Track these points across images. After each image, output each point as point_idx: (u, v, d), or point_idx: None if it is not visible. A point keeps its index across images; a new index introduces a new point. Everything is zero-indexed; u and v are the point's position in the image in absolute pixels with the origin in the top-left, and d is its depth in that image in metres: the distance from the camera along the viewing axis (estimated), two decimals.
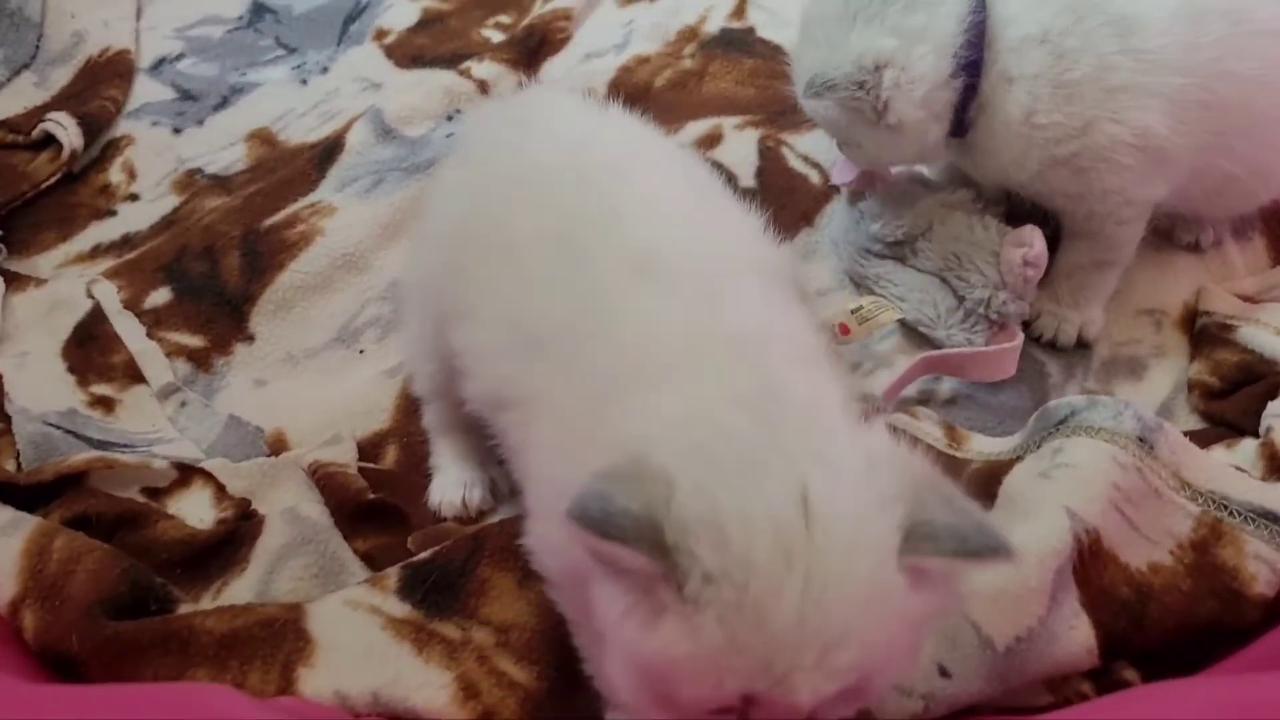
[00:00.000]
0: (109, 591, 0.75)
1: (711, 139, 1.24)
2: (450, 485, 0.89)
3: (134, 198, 1.22)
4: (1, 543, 0.79)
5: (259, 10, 1.48)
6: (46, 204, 1.20)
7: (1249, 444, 0.84)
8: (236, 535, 0.87)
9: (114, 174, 1.24)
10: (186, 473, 0.91)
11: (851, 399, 0.63)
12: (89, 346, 1.04)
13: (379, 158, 1.21)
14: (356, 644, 0.76)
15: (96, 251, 1.16)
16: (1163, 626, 0.74)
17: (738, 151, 1.22)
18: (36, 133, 1.23)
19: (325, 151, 1.22)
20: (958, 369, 0.96)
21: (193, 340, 1.05)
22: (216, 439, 0.97)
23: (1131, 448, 0.77)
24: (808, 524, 0.50)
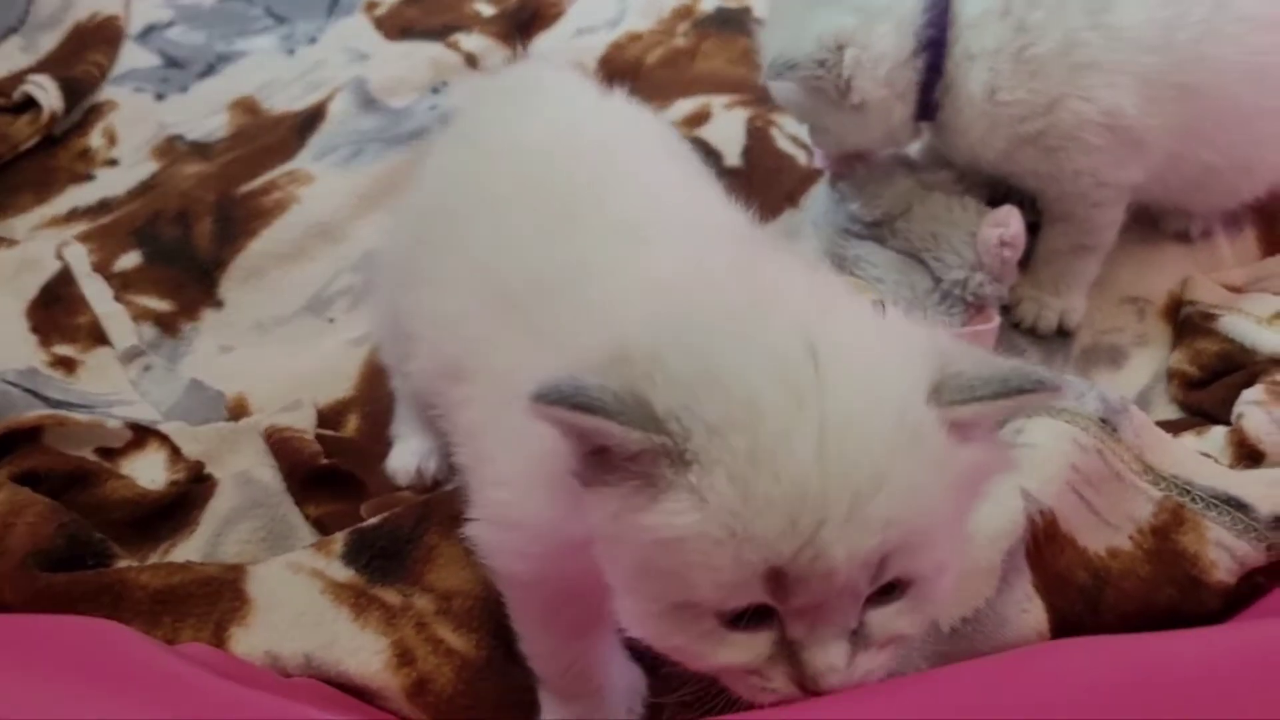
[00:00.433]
0: (44, 544, 0.74)
1: (699, 117, 1.22)
2: (408, 454, 0.88)
3: (113, 163, 1.21)
4: None
5: None
6: (25, 167, 1.20)
7: (1219, 431, 0.82)
8: (188, 498, 0.86)
9: (94, 139, 1.24)
10: (141, 434, 0.90)
11: None
12: (54, 308, 1.03)
13: (360, 128, 1.20)
14: (293, 606, 0.74)
15: (73, 215, 1.16)
16: (1118, 612, 0.71)
17: (725, 130, 1.20)
18: (17, 95, 1.23)
19: (306, 120, 1.21)
20: None
21: (161, 304, 1.05)
22: (177, 402, 0.96)
23: (1093, 429, 0.75)
24: (816, 366, 0.45)
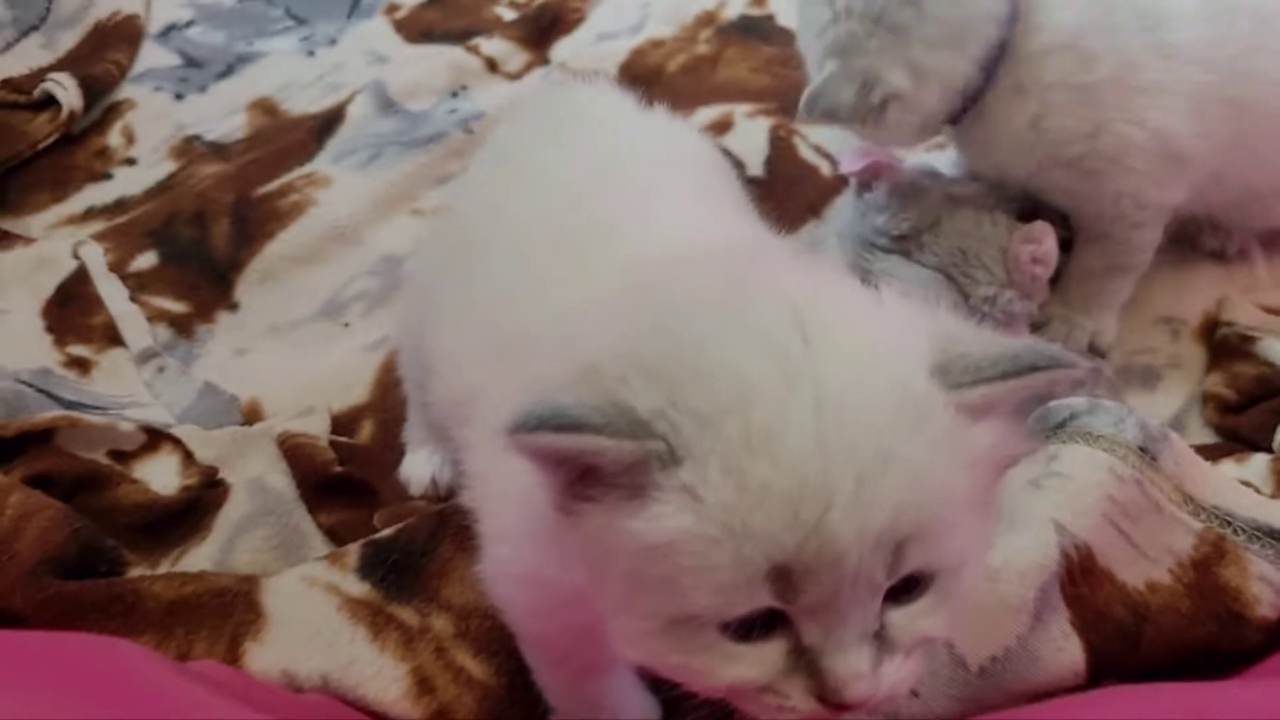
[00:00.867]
0: (55, 551, 0.73)
1: (722, 126, 1.21)
2: (421, 463, 0.86)
3: (130, 162, 1.20)
4: None
5: None
6: (43, 165, 1.19)
7: (1261, 459, 0.79)
8: (200, 503, 0.85)
9: (112, 138, 1.22)
10: (155, 437, 0.89)
11: None
12: (70, 307, 1.02)
13: (379, 130, 1.19)
14: (309, 622, 0.73)
15: (89, 214, 1.14)
16: (1157, 649, 0.69)
17: (748, 140, 1.18)
18: (37, 93, 1.22)
19: (325, 122, 1.20)
20: None
21: (176, 306, 1.03)
22: (190, 406, 0.95)
23: (1131, 459, 0.72)
24: (806, 343, 0.42)
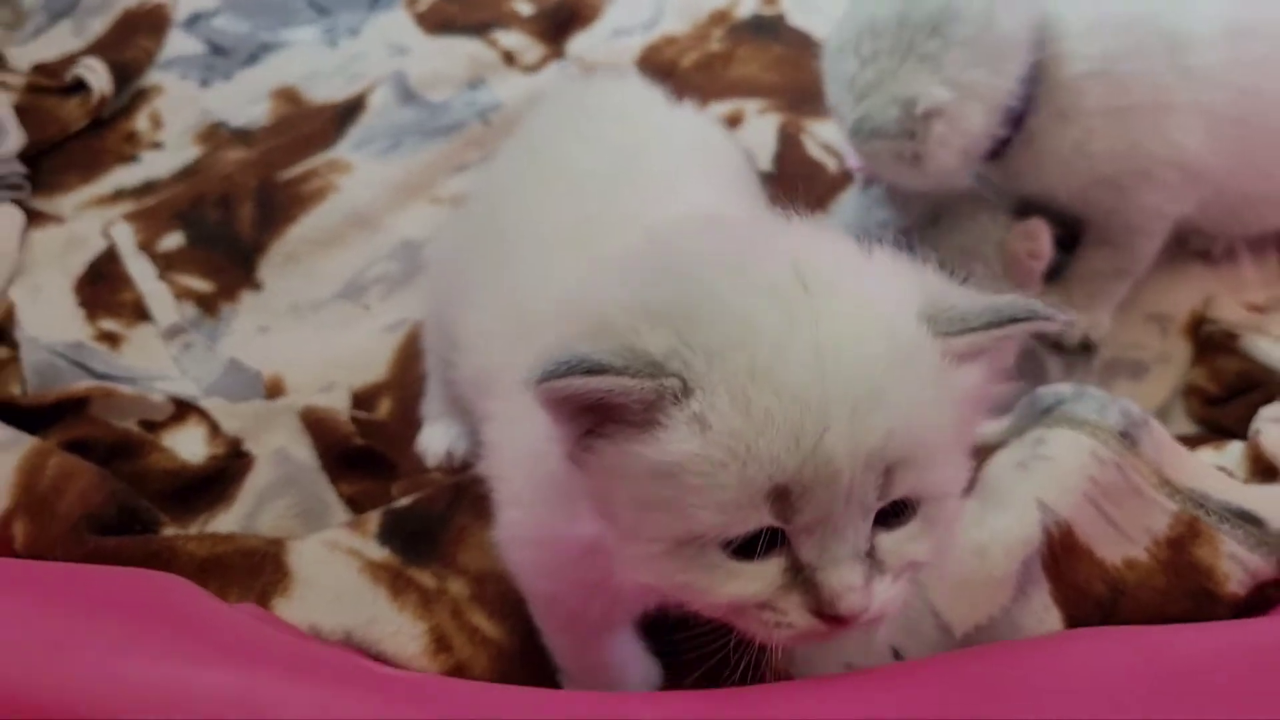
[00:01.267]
0: (96, 509, 0.77)
1: (733, 121, 1.25)
2: (438, 435, 0.90)
3: (158, 146, 1.24)
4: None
5: None
6: (73, 147, 1.23)
7: (1236, 446, 0.83)
8: (226, 472, 0.89)
9: (140, 122, 1.26)
10: (183, 409, 0.93)
11: None
12: (100, 284, 1.06)
13: (399, 120, 1.23)
14: (334, 583, 0.77)
15: (118, 195, 1.18)
16: (1132, 623, 0.73)
17: (758, 135, 1.22)
18: (69, 77, 1.25)
19: (346, 111, 1.24)
20: None
21: (202, 285, 1.07)
22: (216, 380, 0.99)
23: (1113, 443, 0.76)
24: (805, 287, 0.46)
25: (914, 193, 1.03)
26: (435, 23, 1.39)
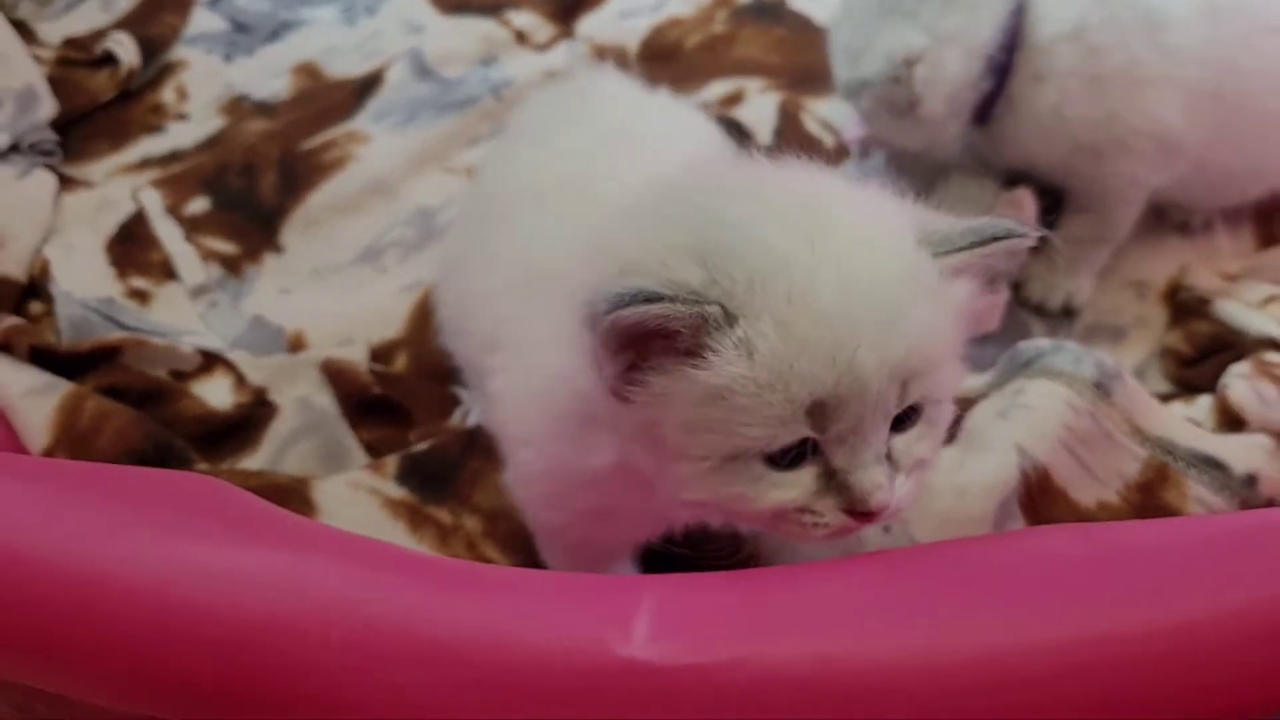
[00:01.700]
0: (134, 446, 0.82)
1: (734, 99, 1.29)
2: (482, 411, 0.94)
3: (183, 117, 1.29)
4: (39, 401, 0.86)
5: None
6: (102, 117, 1.27)
7: (1205, 400, 0.88)
8: (252, 419, 0.94)
9: (166, 95, 1.31)
10: (210, 360, 0.98)
11: None
12: (130, 244, 1.11)
13: (415, 94, 1.28)
14: (356, 517, 0.82)
15: (145, 164, 1.23)
16: None
17: (758, 112, 1.27)
18: (98, 51, 1.31)
19: (365, 85, 1.29)
20: None
21: (226, 247, 1.12)
22: (240, 335, 1.04)
23: (1087, 393, 0.81)
24: (822, 221, 0.51)
25: (909, 164, 1.09)
26: (450, 3, 1.44)
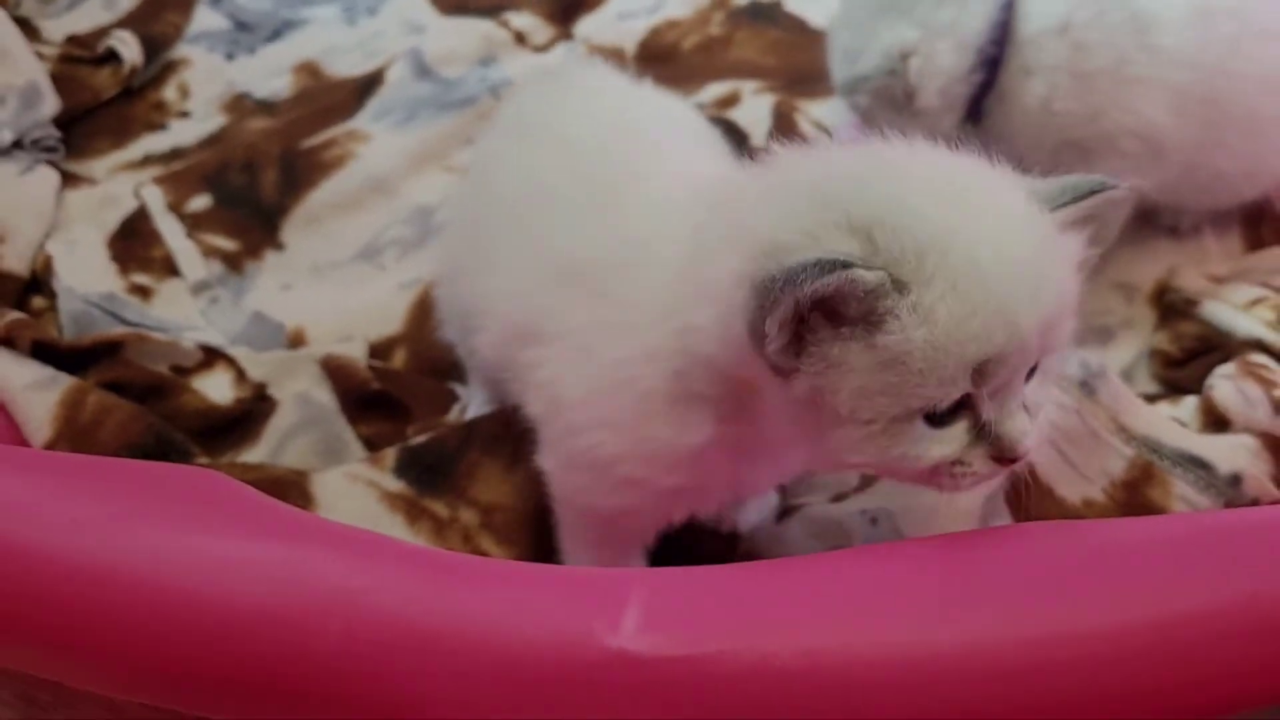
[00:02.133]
0: (136, 439, 0.83)
1: (730, 100, 1.31)
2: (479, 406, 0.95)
3: (185, 115, 1.30)
4: (42, 395, 0.87)
5: None
6: (104, 114, 1.29)
7: (1191, 400, 0.89)
8: (252, 413, 0.95)
9: (168, 92, 1.33)
10: (211, 356, 0.99)
11: None
12: (132, 240, 1.12)
13: (415, 94, 1.29)
14: (354, 510, 0.83)
15: (147, 160, 1.24)
16: None
17: (753, 113, 1.28)
18: (101, 49, 1.32)
19: (365, 84, 1.30)
20: None
21: (227, 244, 1.14)
22: (241, 331, 1.05)
23: (1073, 391, 0.83)
24: (964, 192, 0.54)
25: None
26: (450, 4, 1.45)
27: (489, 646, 0.47)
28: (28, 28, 1.36)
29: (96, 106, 1.29)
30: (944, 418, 0.54)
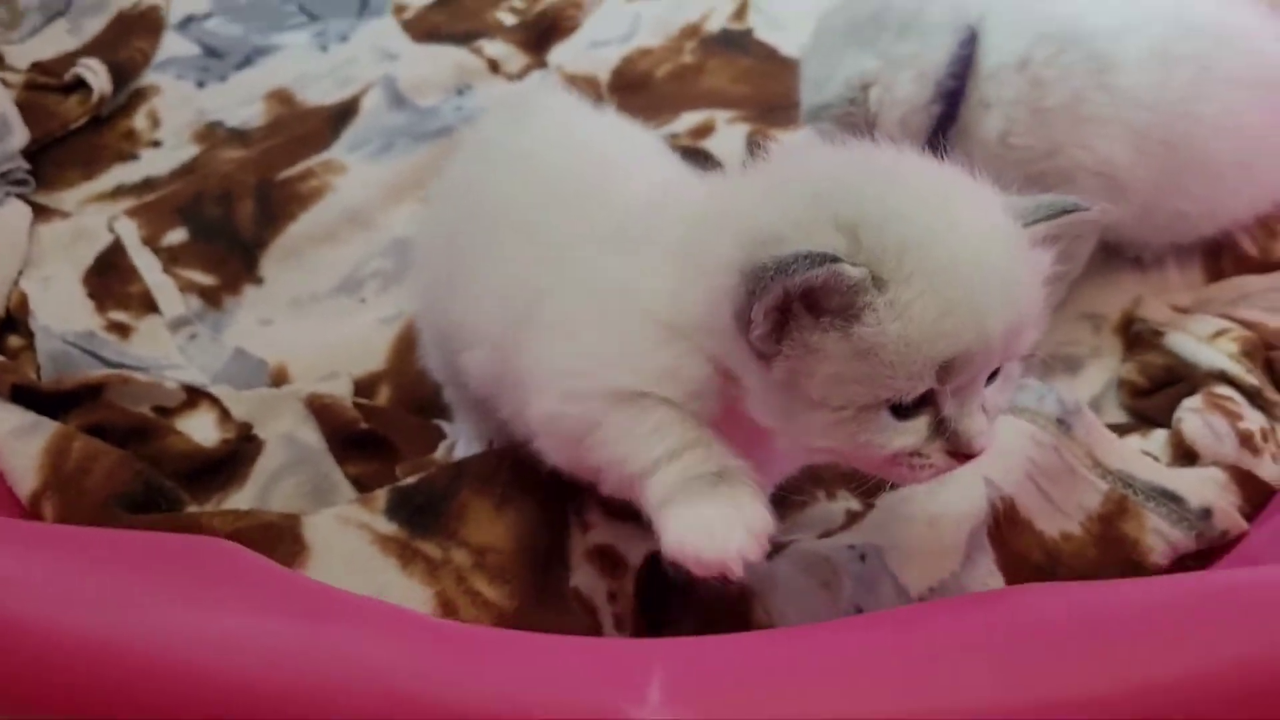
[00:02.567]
0: (124, 488, 0.83)
1: (704, 130, 1.33)
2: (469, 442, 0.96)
3: (156, 144, 1.29)
4: (25, 442, 0.86)
5: None
6: (74, 144, 1.27)
7: (1160, 434, 0.93)
8: (238, 454, 0.94)
9: (139, 121, 1.31)
10: (194, 395, 0.98)
11: None
12: (109, 276, 1.11)
13: (390, 124, 1.29)
14: (347, 554, 0.83)
15: (119, 191, 1.23)
16: None
17: (727, 143, 1.30)
18: (69, 76, 1.30)
19: (339, 114, 1.30)
20: None
21: (205, 279, 1.13)
22: (223, 369, 1.05)
23: (1050, 428, 0.86)
24: (943, 193, 0.58)
25: None
26: (422, 31, 1.45)
27: None
28: None
29: (65, 136, 1.27)
30: (908, 410, 0.57)
